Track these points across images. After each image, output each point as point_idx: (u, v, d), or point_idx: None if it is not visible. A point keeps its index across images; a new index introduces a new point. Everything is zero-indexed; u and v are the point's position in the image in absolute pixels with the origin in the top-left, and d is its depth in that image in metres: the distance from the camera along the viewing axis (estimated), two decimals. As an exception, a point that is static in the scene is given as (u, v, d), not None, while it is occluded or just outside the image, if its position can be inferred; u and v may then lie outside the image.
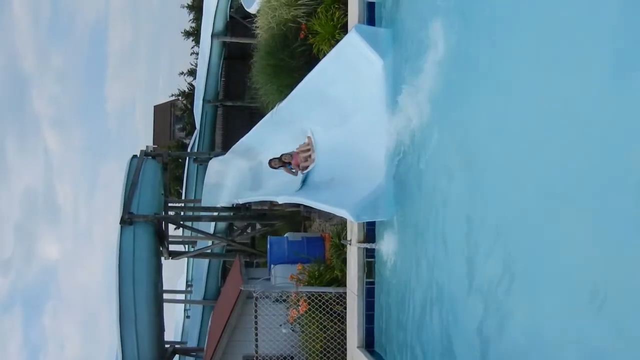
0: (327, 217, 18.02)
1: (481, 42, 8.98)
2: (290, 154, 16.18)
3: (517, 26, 7.74)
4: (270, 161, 16.74)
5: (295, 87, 15.91)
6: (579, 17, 6.31)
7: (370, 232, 13.18)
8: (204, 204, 26.27)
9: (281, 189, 18.19)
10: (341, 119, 14.80)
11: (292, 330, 15.56)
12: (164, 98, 58.66)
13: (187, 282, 37.36)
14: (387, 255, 12.22)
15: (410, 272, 11.22)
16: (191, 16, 45.80)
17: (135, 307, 19.83)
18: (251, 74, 19.97)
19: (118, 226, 20.98)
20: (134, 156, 24.53)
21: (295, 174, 16.29)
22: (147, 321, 20.15)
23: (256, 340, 15.54)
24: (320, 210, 15.98)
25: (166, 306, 24.26)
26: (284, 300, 15.78)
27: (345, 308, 14.29)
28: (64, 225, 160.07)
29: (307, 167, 15.84)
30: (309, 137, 16.00)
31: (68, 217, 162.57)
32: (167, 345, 23.24)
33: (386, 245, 12.23)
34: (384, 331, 12.67)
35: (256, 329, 15.55)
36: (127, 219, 20.79)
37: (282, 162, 16.36)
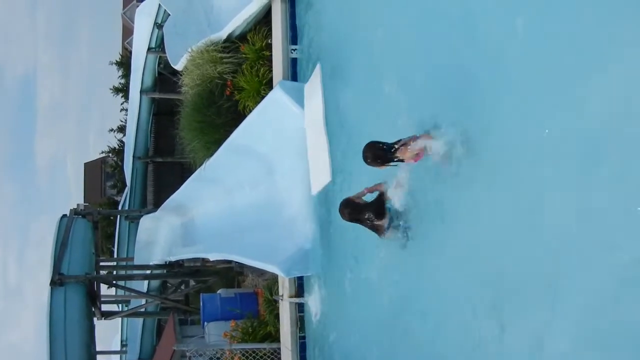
0: (259, 272, 17.93)
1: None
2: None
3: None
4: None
5: (222, 143, 15.95)
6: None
7: (301, 286, 13.20)
8: (136, 262, 25.86)
9: (213, 245, 18.13)
10: (269, 174, 14.87)
11: (228, 389, 15.37)
12: (94, 155, 58.01)
13: (121, 341, 36.56)
14: (315, 309, 12.26)
15: (335, 324, 11.29)
16: (120, 72, 45.45)
17: (68, 371, 19.33)
18: (179, 130, 19.92)
19: (48, 288, 20.55)
20: (64, 215, 24.12)
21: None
22: (81, 386, 19.65)
23: (191, 400, 15.31)
24: (252, 266, 15.90)
25: (101, 368, 23.75)
26: (219, 359, 15.60)
27: (280, 364, 14.22)
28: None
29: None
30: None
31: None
32: (102, 409, 22.72)
33: (314, 300, 12.26)
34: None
35: (191, 389, 15.32)
36: (58, 280, 20.34)
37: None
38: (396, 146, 7.84)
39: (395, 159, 7.91)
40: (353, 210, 8.78)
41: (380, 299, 9.42)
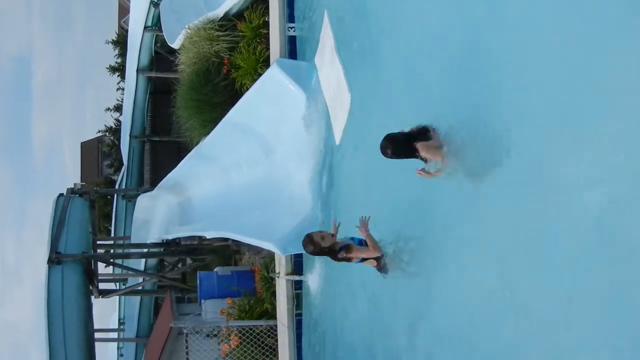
0: (256, 250, 17.99)
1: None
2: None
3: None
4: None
5: (219, 121, 15.95)
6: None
7: (298, 264, 13.23)
8: (133, 240, 25.95)
9: (210, 223, 18.18)
10: (265, 153, 14.89)
11: (225, 365, 15.46)
12: (91, 134, 57.95)
13: (119, 320, 36.68)
14: (313, 287, 12.30)
15: (334, 302, 11.32)
16: (116, 52, 45.43)
17: (66, 350, 19.34)
18: (176, 108, 19.93)
19: (45, 266, 20.57)
20: (60, 194, 24.15)
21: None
22: (78, 364, 19.72)
23: (188, 377, 15.43)
24: (249, 244, 15.95)
25: (99, 345, 23.81)
26: (215, 335, 15.68)
27: (276, 340, 14.28)
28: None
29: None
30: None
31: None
32: (100, 387, 22.78)
33: (312, 277, 12.30)
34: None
35: (188, 365, 15.43)
36: (55, 259, 20.38)
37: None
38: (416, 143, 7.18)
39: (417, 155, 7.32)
40: (316, 250, 8.55)
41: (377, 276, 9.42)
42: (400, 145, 7.33)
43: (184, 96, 18.26)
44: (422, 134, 7.30)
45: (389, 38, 9.71)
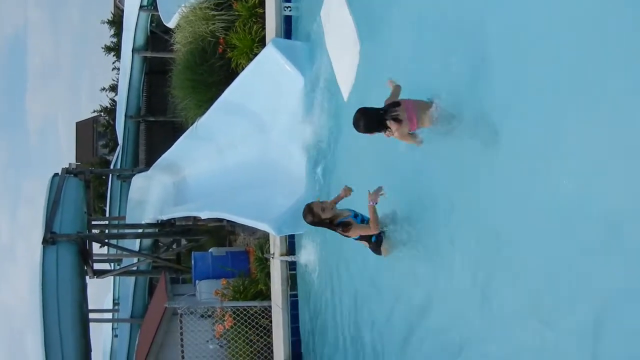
0: (251, 231, 17.98)
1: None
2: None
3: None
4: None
5: (214, 101, 15.88)
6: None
7: (292, 244, 13.22)
8: (128, 221, 25.89)
9: (205, 203, 18.13)
10: (261, 132, 14.83)
11: (219, 346, 15.45)
12: (86, 114, 57.78)
13: (114, 300, 36.79)
14: (307, 267, 12.29)
15: (329, 282, 11.30)
16: (112, 31, 45.29)
17: (61, 330, 19.32)
18: (171, 88, 19.84)
19: (40, 246, 20.54)
20: (55, 174, 24.10)
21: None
22: (73, 344, 19.62)
23: (182, 357, 15.40)
24: (243, 224, 15.92)
25: (93, 326, 23.82)
26: (210, 316, 15.67)
27: (270, 321, 14.27)
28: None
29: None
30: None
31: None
32: (94, 367, 22.76)
33: (306, 258, 12.28)
34: (309, 343, 12.70)
35: (182, 345, 15.40)
36: (50, 239, 20.34)
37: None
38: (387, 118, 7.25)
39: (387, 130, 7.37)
40: (315, 221, 8.59)
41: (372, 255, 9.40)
42: (373, 120, 7.38)
43: (180, 76, 18.16)
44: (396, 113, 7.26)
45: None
